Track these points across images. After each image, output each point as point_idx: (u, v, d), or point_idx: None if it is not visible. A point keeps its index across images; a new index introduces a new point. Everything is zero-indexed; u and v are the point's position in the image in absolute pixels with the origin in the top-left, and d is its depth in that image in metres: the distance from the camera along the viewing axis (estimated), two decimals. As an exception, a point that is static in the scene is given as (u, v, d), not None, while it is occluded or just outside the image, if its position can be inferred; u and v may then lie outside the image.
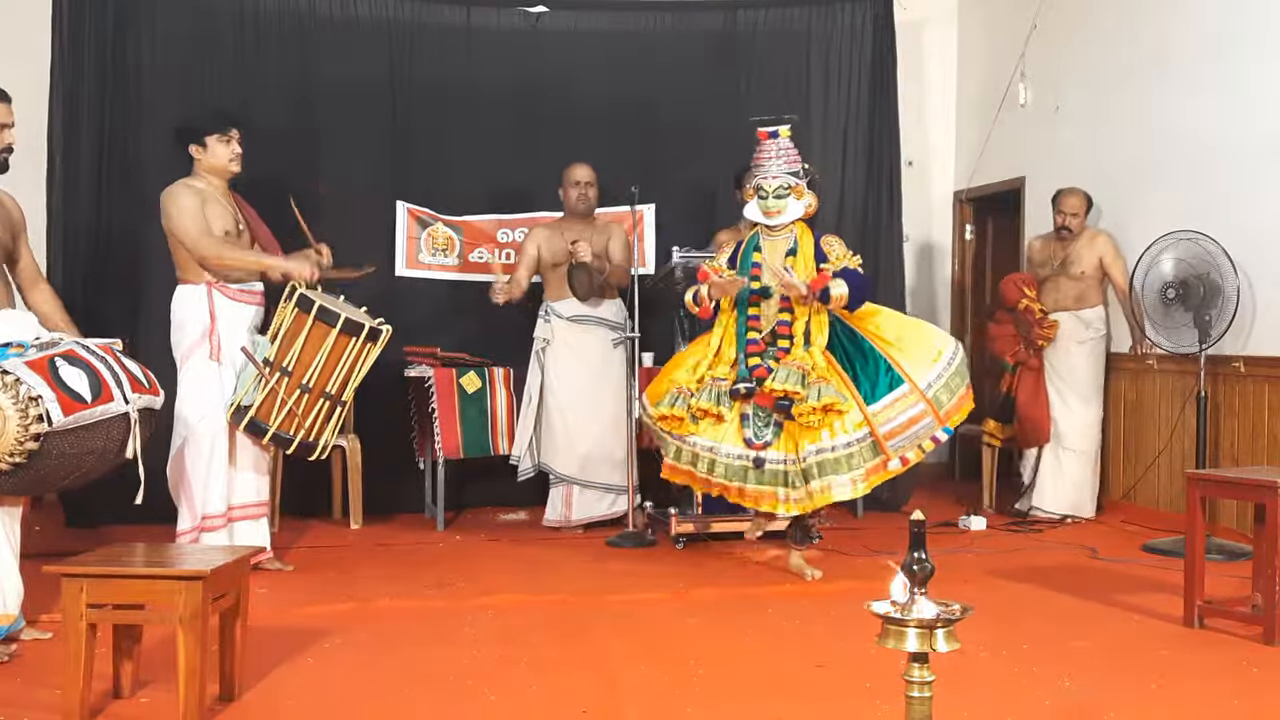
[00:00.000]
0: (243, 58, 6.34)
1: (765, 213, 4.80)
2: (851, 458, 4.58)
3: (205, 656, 3.04)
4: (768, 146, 4.83)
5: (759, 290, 4.78)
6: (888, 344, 4.73)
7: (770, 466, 4.65)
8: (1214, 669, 3.69)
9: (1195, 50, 6.05)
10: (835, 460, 4.58)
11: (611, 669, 3.62)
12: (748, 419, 4.69)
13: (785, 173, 4.78)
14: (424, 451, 6.30)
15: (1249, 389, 5.70)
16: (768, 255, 4.81)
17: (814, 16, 6.97)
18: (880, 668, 3.29)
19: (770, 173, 4.78)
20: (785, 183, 4.77)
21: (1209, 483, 4.28)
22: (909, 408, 4.60)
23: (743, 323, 4.79)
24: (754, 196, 4.82)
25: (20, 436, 3.31)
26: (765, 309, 4.79)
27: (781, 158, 4.81)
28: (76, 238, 5.98)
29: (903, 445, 4.63)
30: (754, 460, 4.65)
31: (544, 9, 6.76)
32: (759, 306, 4.79)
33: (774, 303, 4.76)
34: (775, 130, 4.84)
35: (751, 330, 4.77)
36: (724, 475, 4.70)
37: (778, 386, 4.56)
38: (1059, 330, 6.39)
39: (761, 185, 4.78)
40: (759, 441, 4.65)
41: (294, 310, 4.66)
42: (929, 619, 2.13)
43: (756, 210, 4.82)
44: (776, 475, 4.65)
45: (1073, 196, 6.42)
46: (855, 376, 4.64)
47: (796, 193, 4.79)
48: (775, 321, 4.75)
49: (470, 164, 6.56)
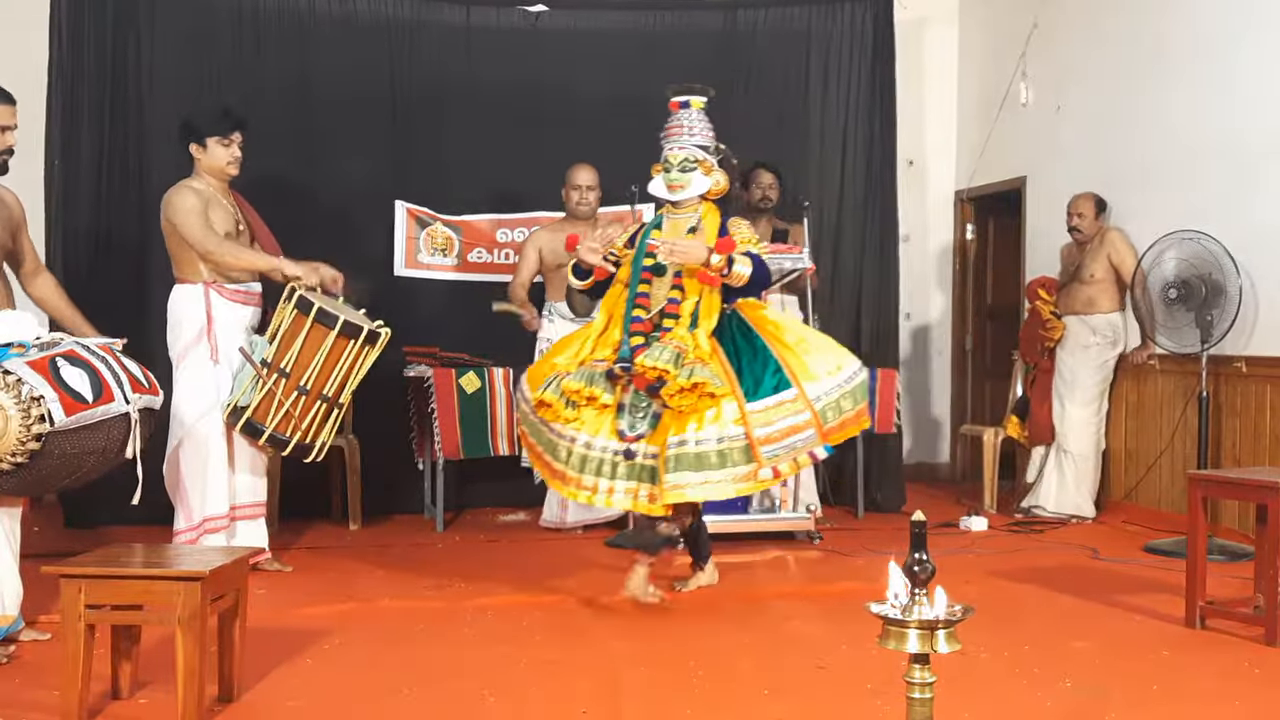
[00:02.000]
0: (242, 57, 6.34)
1: (668, 186, 4.45)
2: (721, 455, 4.13)
3: (204, 657, 3.03)
4: (678, 118, 4.48)
5: (651, 268, 4.40)
6: (784, 346, 4.35)
7: (639, 460, 4.21)
8: (1215, 670, 3.68)
9: (1196, 49, 6.05)
10: (699, 455, 4.12)
11: (611, 670, 3.62)
12: (624, 410, 4.26)
13: (693, 145, 4.44)
14: (423, 452, 6.29)
15: (1251, 389, 5.69)
16: (668, 232, 4.45)
17: (814, 16, 6.97)
18: (881, 669, 3.29)
19: (678, 144, 4.44)
20: (692, 155, 4.42)
21: (1211, 483, 4.27)
22: (791, 415, 4.19)
23: (631, 300, 4.40)
24: (660, 171, 4.49)
25: (22, 436, 3.31)
26: (656, 288, 4.40)
27: (691, 131, 4.46)
28: (75, 238, 5.98)
29: (778, 454, 4.17)
30: (624, 452, 4.22)
31: (544, 8, 6.76)
32: (650, 284, 4.41)
33: (667, 281, 4.39)
34: (687, 100, 4.50)
35: (638, 308, 4.37)
36: (594, 471, 4.23)
37: (648, 363, 4.15)
38: (1066, 334, 6.41)
39: (668, 159, 4.45)
40: (632, 434, 4.23)
41: (293, 311, 4.66)
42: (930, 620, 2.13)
43: (660, 185, 4.48)
44: (643, 471, 4.21)
45: (1079, 199, 6.44)
46: (740, 370, 4.25)
47: (703, 168, 4.44)
48: (667, 300, 4.37)
49: (469, 164, 6.56)
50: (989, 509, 6.57)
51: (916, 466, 7.93)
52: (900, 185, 7.14)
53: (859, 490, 6.54)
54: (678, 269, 4.37)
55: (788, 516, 5.78)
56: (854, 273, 6.94)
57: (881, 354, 6.91)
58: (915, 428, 8.06)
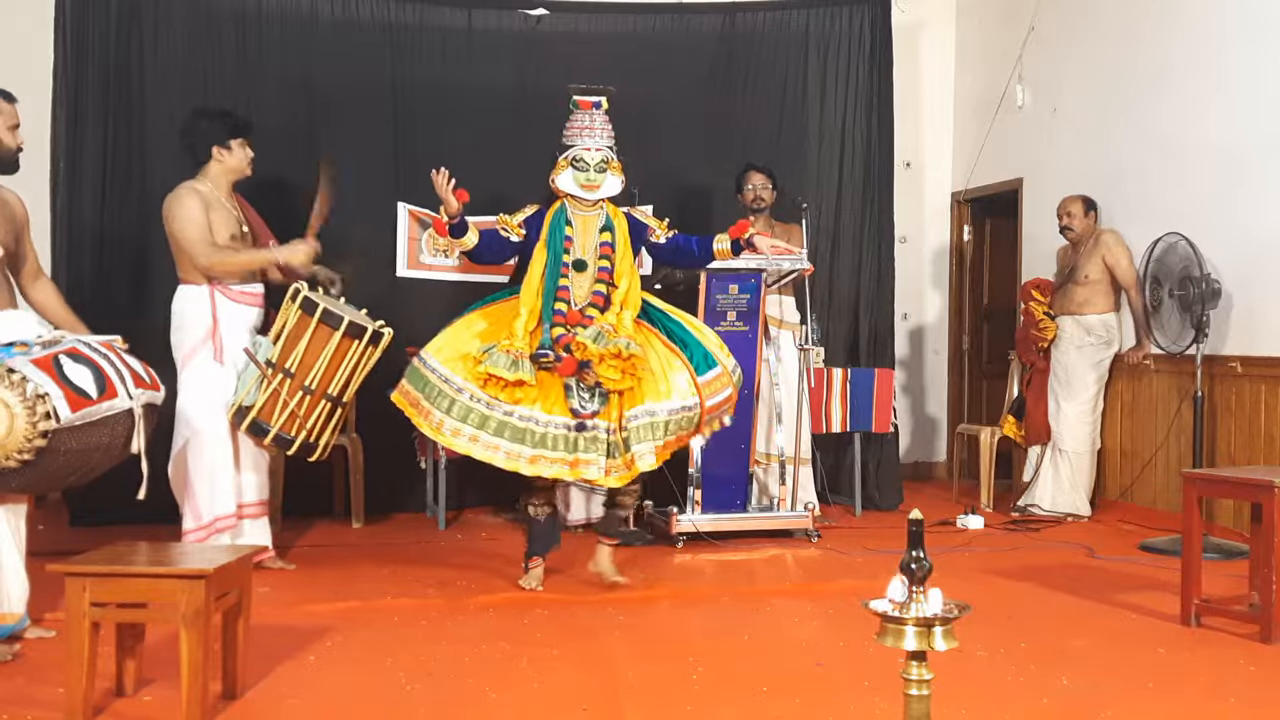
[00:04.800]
0: (245, 59, 6.36)
1: (584, 185, 4.61)
2: (672, 424, 4.47)
3: (208, 655, 3.06)
4: (590, 116, 4.65)
5: (573, 263, 4.61)
6: (697, 329, 4.75)
7: (591, 433, 4.40)
8: (1211, 667, 3.70)
9: (1191, 53, 6.07)
10: (654, 425, 4.44)
11: (612, 668, 3.64)
12: (571, 390, 4.44)
13: (606, 146, 4.64)
14: (425, 451, 6.31)
15: (1246, 389, 5.72)
16: (580, 231, 4.65)
17: (812, 19, 7.00)
18: (879, 666, 3.32)
19: (593, 143, 4.61)
20: (606, 156, 4.63)
21: (1206, 482, 4.30)
22: (722, 389, 4.62)
23: (551, 294, 4.56)
24: (567, 167, 4.62)
25: (28, 434, 3.34)
26: (577, 281, 4.61)
27: (603, 130, 4.65)
28: (81, 238, 6.00)
29: (711, 422, 4.64)
30: (575, 426, 4.39)
31: (544, 11, 6.78)
32: (568, 278, 4.60)
33: (588, 276, 4.62)
34: (599, 100, 4.66)
35: (559, 301, 4.55)
36: (544, 445, 4.37)
37: (585, 340, 4.37)
38: (1060, 334, 6.45)
39: (582, 157, 4.60)
40: (586, 411, 4.41)
41: (298, 312, 4.68)
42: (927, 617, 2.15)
43: (572, 182, 4.62)
44: (598, 443, 4.40)
45: (1069, 199, 6.48)
46: (686, 347, 4.60)
47: (614, 168, 4.66)
48: (591, 293, 4.59)
49: (471, 165, 6.52)
50: (986, 508, 6.60)
51: (914, 465, 7.97)
52: (897, 187, 7.17)
53: (857, 489, 6.57)
54: (602, 265, 4.61)
55: (786, 515, 5.81)
56: (852, 273, 6.97)
57: (879, 354, 6.95)
58: (912, 427, 8.11)
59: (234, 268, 4.77)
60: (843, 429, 6.51)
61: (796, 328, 6.14)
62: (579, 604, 4.49)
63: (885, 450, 6.85)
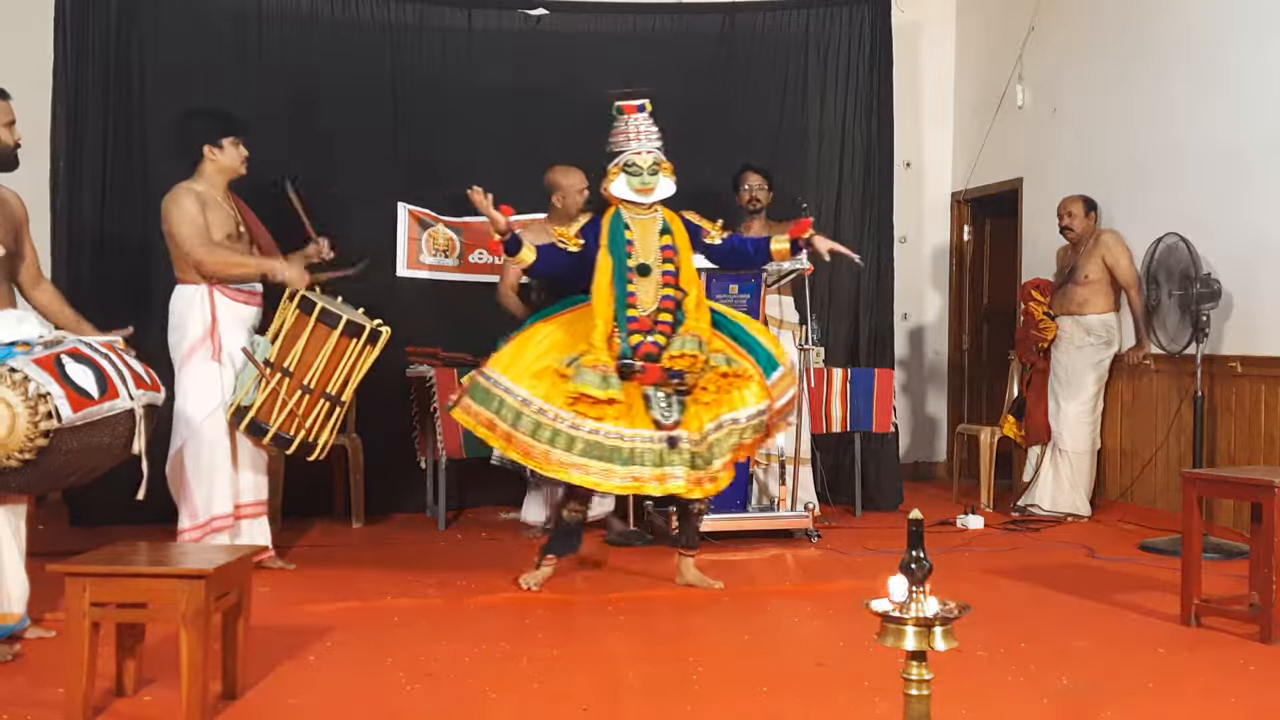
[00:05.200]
0: (245, 59, 6.37)
1: (639, 190, 4.55)
2: (744, 432, 4.50)
3: (208, 655, 3.06)
4: (636, 121, 4.60)
5: (637, 268, 4.52)
6: (758, 330, 4.76)
7: (683, 445, 4.38)
8: (1211, 667, 3.70)
9: (1191, 52, 6.07)
10: (733, 434, 4.47)
11: (612, 667, 3.64)
12: (650, 400, 4.42)
13: (657, 149, 4.60)
14: (425, 451, 6.32)
15: (1246, 389, 5.72)
16: (640, 235, 4.58)
17: (812, 19, 7.01)
18: (879, 666, 3.32)
19: (643, 146, 4.57)
20: (658, 158, 4.59)
21: (1206, 482, 4.30)
22: (787, 389, 4.64)
23: (622, 301, 4.49)
24: (620, 173, 4.56)
25: (30, 433, 3.34)
26: (643, 286, 4.53)
27: (651, 133, 4.61)
28: (81, 237, 6.01)
29: (778, 424, 4.68)
30: (667, 440, 4.36)
31: (544, 11, 6.78)
32: (634, 284, 4.52)
33: (653, 280, 4.54)
34: (642, 104, 4.62)
35: (630, 308, 4.48)
36: (635, 461, 4.33)
37: (678, 351, 4.37)
38: (1060, 334, 6.45)
39: (635, 161, 4.54)
40: (668, 421, 4.38)
41: (295, 311, 4.69)
42: (927, 617, 2.16)
43: (626, 188, 4.56)
44: (681, 454, 4.38)
45: (1069, 199, 6.48)
46: (750, 350, 4.58)
47: (666, 170, 4.60)
48: (659, 299, 4.52)
49: (471, 165, 6.56)
50: (986, 508, 6.60)
51: (914, 465, 7.97)
52: (897, 187, 7.18)
53: (857, 489, 6.57)
54: (666, 269, 4.54)
55: (786, 515, 5.81)
56: (852, 273, 6.96)
57: (879, 354, 6.96)
58: (912, 427, 8.11)
59: (228, 269, 4.76)
60: (843, 429, 6.51)
61: (796, 328, 6.13)
62: (579, 604, 4.49)
63: (885, 450, 6.85)
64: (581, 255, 4.59)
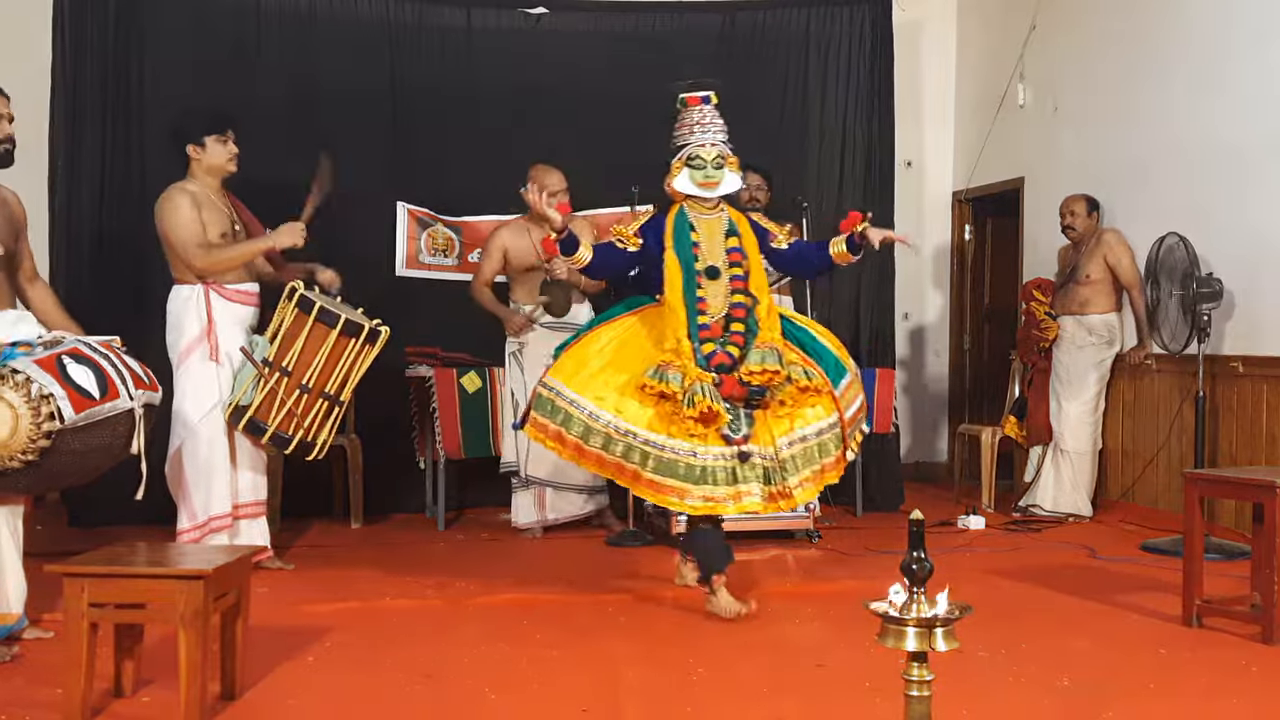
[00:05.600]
0: (244, 59, 6.37)
1: (703, 184, 4.31)
2: (823, 447, 4.22)
3: (206, 655, 3.05)
4: (700, 111, 4.36)
5: (705, 271, 4.27)
6: (824, 335, 4.48)
7: (755, 460, 4.14)
8: (1212, 668, 3.70)
9: (1193, 50, 6.06)
10: (809, 450, 4.20)
11: (612, 668, 3.64)
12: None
13: (722, 141, 4.35)
14: (424, 451, 6.31)
15: (1247, 389, 5.71)
16: (705, 235, 4.34)
17: (813, 17, 7.01)
18: (880, 667, 3.31)
19: (707, 139, 4.32)
20: (723, 151, 4.34)
21: (1207, 482, 4.29)
22: (856, 397, 4.37)
23: (692, 307, 4.23)
24: (683, 168, 4.32)
25: (33, 434, 3.34)
26: (711, 290, 4.27)
27: (715, 125, 4.36)
28: (79, 237, 6.00)
29: (852, 435, 4.32)
30: (739, 455, 4.12)
31: (544, 10, 6.78)
32: (703, 288, 4.26)
33: (722, 284, 4.27)
34: (707, 95, 4.38)
35: (701, 315, 4.24)
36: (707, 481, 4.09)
37: (758, 366, 4.12)
38: (1062, 334, 6.44)
39: (698, 154, 4.30)
40: (738, 435, 4.13)
41: (294, 311, 4.68)
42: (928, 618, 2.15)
43: (689, 182, 4.31)
44: (755, 469, 4.15)
45: (1072, 198, 6.48)
46: (819, 358, 4.31)
47: (731, 163, 4.36)
48: (729, 305, 4.26)
49: (470, 165, 6.58)
50: (987, 508, 6.59)
51: (915, 466, 7.95)
52: (898, 186, 7.17)
53: (858, 489, 6.56)
54: (734, 273, 4.28)
55: (786, 515, 5.77)
56: (852, 273, 6.94)
57: (879, 354, 6.95)
58: (913, 427, 8.09)
59: (228, 263, 4.76)
60: (843, 429, 6.49)
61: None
62: (579, 604, 4.49)
63: (886, 451, 6.84)
64: (642, 255, 4.38)
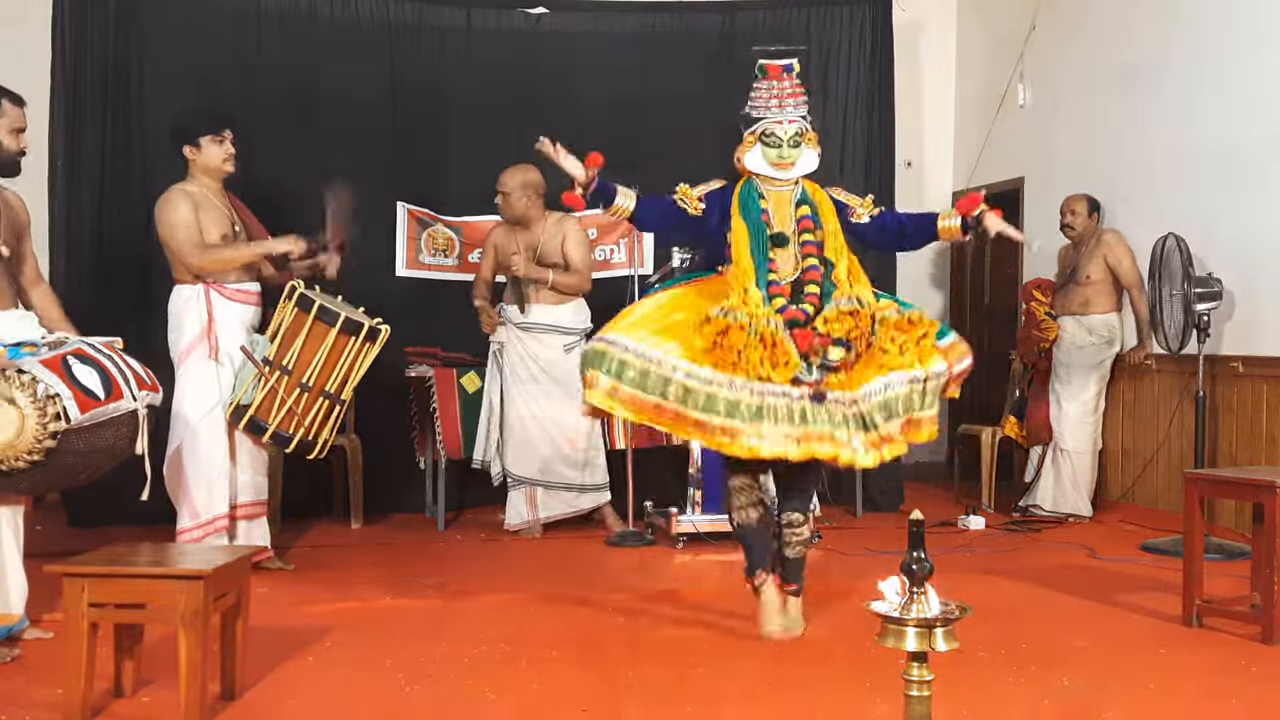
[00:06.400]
0: (243, 59, 6.37)
1: (776, 164, 3.94)
2: (908, 400, 3.75)
3: (206, 656, 3.06)
4: (780, 83, 3.96)
5: (774, 237, 3.90)
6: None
7: (830, 404, 3.69)
8: (1212, 668, 3.70)
9: (1194, 51, 6.06)
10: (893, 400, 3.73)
11: (612, 668, 3.64)
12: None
13: (800, 116, 3.96)
14: (424, 451, 6.31)
15: (1247, 389, 5.71)
16: (775, 206, 3.96)
17: (813, 17, 7.00)
18: (880, 667, 3.31)
19: (785, 115, 3.94)
20: (801, 128, 3.96)
21: (1207, 482, 4.29)
22: (965, 355, 3.97)
23: (763, 266, 3.86)
24: (755, 143, 3.95)
25: (39, 435, 3.35)
26: (780, 256, 3.89)
27: (795, 98, 3.97)
28: (79, 239, 6.00)
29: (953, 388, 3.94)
30: (812, 396, 3.67)
31: (544, 10, 6.78)
32: (772, 253, 3.90)
33: (790, 252, 3.90)
34: (790, 64, 3.96)
35: (771, 273, 3.86)
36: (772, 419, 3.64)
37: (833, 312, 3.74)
38: (1062, 334, 6.44)
39: (773, 131, 3.92)
40: (811, 379, 3.70)
41: (294, 309, 4.68)
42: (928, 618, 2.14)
43: (762, 160, 3.94)
44: (835, 415, 3.69)
45: (1072, 198, 6.48)
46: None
47: (810, 140, 4.00)
48: (804, 268, 3.88)
49: (470, 165, 6.57)
50: (987, 508, 6.59)
51: (915, 466, 7.93)
52: (898, 186, 7.16)
53: (858, 489, 6.56)
54: (805, 239, 3.92)
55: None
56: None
57: (880, 354, 6.93)
58: (913, 427, 8.08)
59: (224, 265, 4.75)
60: (843, 429, 6.48)
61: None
62: (579, 604, 4.48)
63: (886, 450, 6.82)
64: (700, 222, 4.01)
